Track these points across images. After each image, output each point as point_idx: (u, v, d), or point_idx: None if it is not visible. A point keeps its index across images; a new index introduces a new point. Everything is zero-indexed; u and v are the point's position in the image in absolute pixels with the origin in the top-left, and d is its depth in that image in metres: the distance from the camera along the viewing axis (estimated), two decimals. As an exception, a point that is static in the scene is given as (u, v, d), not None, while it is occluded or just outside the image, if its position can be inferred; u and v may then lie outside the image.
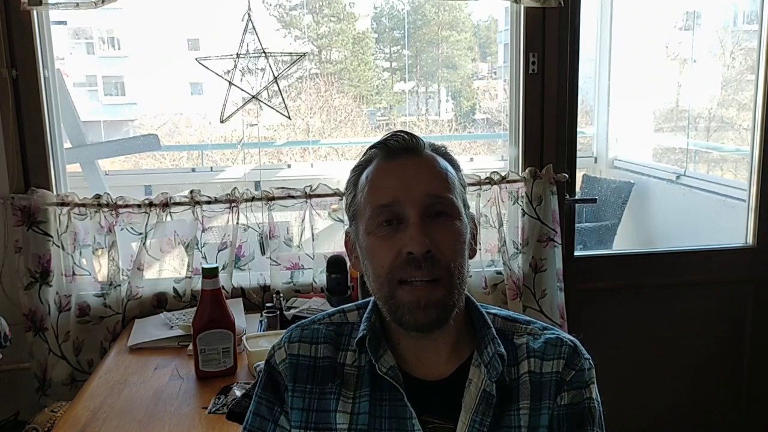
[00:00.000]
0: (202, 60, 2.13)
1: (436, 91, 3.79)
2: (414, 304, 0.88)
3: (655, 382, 2.52)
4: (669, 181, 3.73)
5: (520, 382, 0.93)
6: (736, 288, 2.51)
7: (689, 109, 3.88)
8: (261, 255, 2.23)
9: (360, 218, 0.94)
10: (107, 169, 3.02)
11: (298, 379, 0.95)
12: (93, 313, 2.14)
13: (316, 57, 3.38)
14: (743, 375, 2.56)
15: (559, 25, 2.20)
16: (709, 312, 2.50)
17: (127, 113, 3.57)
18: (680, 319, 2.49)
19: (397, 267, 0.89)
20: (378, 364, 0.92)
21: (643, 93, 3.97)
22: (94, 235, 2.13)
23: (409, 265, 0.88)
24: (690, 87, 3.89)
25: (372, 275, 0.93)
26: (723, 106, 3.82)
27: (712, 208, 3.35)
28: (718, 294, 2.50)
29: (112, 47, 3.49)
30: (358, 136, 3.56)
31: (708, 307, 2.50)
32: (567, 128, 2.27)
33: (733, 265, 2.50)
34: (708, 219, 3.36)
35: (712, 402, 2.56)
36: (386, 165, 0.93)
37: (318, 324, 1.00)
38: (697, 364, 2.53)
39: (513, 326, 0.98)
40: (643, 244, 3.86)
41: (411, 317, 0.89)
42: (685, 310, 2.49)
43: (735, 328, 2.53)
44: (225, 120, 2.22)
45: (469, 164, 3.42)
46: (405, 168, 0.92)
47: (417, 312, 0.88)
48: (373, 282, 0.93)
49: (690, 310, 2.49)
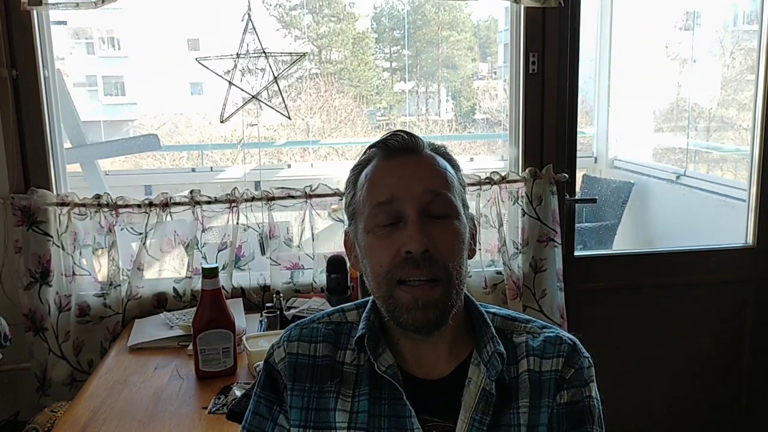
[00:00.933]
0: (202, 60, 2.14)
1: (436, 91, 3.80)
2: (412, 304, 0.88)
3: (655, 382, 2.52)
4: (669, 181, 3.73)
5: (520, 381, 0.93)
6: (736, 288, 2.51)
7: (689, 109, 3.88)
8: (261, 255, 2.23)
9: (359, 217, 0.94)
10: (107, 169, 3.02)
11: (297, 378, 0.95)
12: (93, 313, 2.14)
13: (316, 57, 3.38)
14: (743, 375, 2.56)
15: (559, 25, 2.20)
16: (709, 312, 2.50)
17: (127, 113, 3.57)
18: (680, 319, 2.49)
19: (395, 266, 0.89)
20: (377, 363, 0.92)
21: (643, 93, 3.97)
22: (94, 235, 2.13)
23: (408, 264, 0.88)
24: (690, 87, 3.90)
25: (371, 274, 0.93)
26: (723, 106, 3.82)
27: (712, 208, 3.35)
28: (718, 294, 2.50)
29: (112, 47, 3.49)
30: (358, 136, 3.56)
31: (708, 307, 2.50)
32: (567, 128, 2.27)
33: (733, 265, 2.50)
34: (708, 219, 3.36)
35: (711, 402, 2.56)
36: (386, 164, 0.94)
37: (317, 323, 1.00)
38: (697, 364, 2.53)
39: (512, 325, 0.99)
40: (643, 244, 3.86)
41: (409, 317, 0.89)
42: (685, 310, 2.49)
43: (735, 328, 2.53)
44: (225, 120, 2.22)
45: (469, 164, 3.42)
46: (404, 167, 0.92)
47: (415, 312, 0.88)
48: (371, 281, 0.93)
49: (690, 310, 2.49)
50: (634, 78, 3.94)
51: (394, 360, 0.94)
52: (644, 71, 3.97)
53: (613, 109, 3.90)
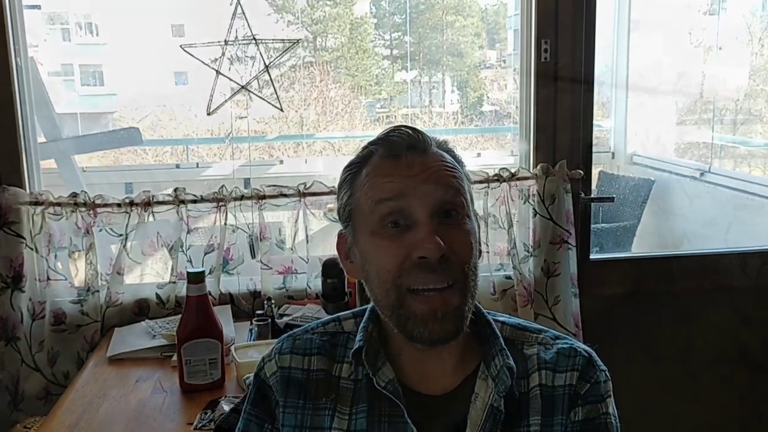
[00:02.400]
0: (188, 47, 2.14)
1: (440, 81, 3.79)
2: (430, 315, 0.87)
3: (680, 399, 2.48)
4: (692, 178, 3.73)
5: (531, 396, 0.93)
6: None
7: (714, 101, 3.88)
8: (251, 258, 2.24)
9: (359, 218, 0.93)
10: (84, 166, 3.02)
11: (290, 393, 0.95)
12: (69, 321, 2.14)
13: (310, 44, 3.38)
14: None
15: (574, 10, 2.20)
16: (740, 320, 2.46)
17: (106, 105, 3.56)
18: (708, 329, 2.45)
19: (405, 272, 0.88)
20: (376, 378, 0.92)
21: (664, 83, 3.97)
22: (71, 237, 2.13)
23: (422, 270, 0.87)
24: (715, 76, 3.89)
25: (375, 281, 0.91)
26: (751, 97, 3.82)
27: (738, 207, 3.34)
28: (752, 299, 2.46)
29: (90, 33, 3.49)
30: (355, 129, 3.55)
31: (740, 314, 2.46)
32: (582, 121, 2.27)
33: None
34: (736, 219, 3.36)
35: (745, 421, 2.54)
36: (390, 162, 0.92)
37: (311, 334, 1.00)
38: (730, 379, 2.49)
39: (523, 335, 0.98)
40: (664, 247, 3.86)
41: (425, 330, 0.88)
42: (714, 319, 2.45)
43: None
44: (212, 112, 2.23)
45: (476, 160, 3.41)
46: (411, 166, 0.91)
47: (432, 324, 0.87)
48: (375, 289, 0.92)
49: (720, 318, 2.45)
50: (654, 67, 3.93)
51: (395, 374, 0.93)
52: (665, 59, 3.96)
53: (632, 101, 3.90)
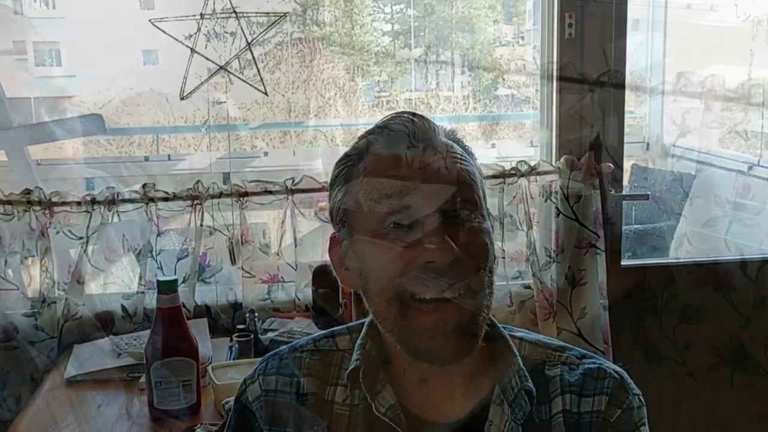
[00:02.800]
0: (158, 22, 2.14)
1: (448, 61, 3.79)
2: (438, 329, 0.87)
3: (726, 428, 2.49)
4: (739, 172, 3.73)
5: (553, 424, 0.93)
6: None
7: (765, 83, 3.88)
8: (231, 265, 2.24)
9: (356, 218, 0.93)
10: (39, 158, 3.02)
11: (276, 421, 0.95)
12: (21, 336, 2.14)
13: (299, 18, 3.38)
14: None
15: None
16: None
17: (64, 88, 3.57)
18: (763, 346, 2.45)
19: (410, 279, 0.88)
20: (375, 403, 0.92)
21: (706, 63, 3.97)
22: (23, 240, 2.13)
23: (429, 276, 0.87)
24: (766, 55, 3.90)
25: (374, 291, 0.92)
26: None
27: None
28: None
29: (46, 5, 3.49)
30: (351, 116, 3.56)
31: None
32: (612, 107, 2.28)
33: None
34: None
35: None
36: (391, 155, 0.92)
37: (300, 352, 1.00)
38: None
39: (544, 353, 0.99)
40: (708, 252, 3.86)
41: (432, 346, 0.88)
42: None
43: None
44: (186, 96, 2.23)
45: (490, 152, 3.41)
46: (416, 159, 0.90)
47: (441, 339, 0.87)
48: (375, 299, 0.92)
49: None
50: (695, 44, 3.93)
51: (397, 399, 0.93)
52: (708, 36, 3.97)
53: (669, 84, 3.90)
